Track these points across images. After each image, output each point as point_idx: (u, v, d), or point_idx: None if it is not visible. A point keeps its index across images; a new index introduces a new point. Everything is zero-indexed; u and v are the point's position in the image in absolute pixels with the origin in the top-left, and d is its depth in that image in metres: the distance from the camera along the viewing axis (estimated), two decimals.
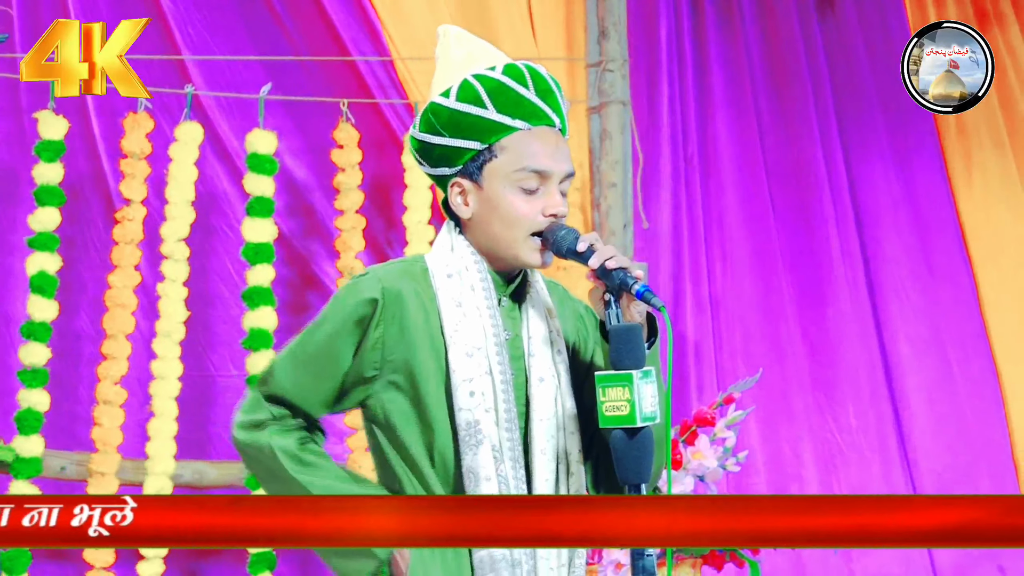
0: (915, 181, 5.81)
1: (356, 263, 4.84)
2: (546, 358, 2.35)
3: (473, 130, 2.32)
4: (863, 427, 5.57)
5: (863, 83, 5.78)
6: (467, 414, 2.27)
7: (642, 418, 2.16)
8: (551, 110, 2.36)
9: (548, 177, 2.32)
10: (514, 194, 2.31)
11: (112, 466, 4.56)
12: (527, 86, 2.34)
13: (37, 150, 4.51)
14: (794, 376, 5.55)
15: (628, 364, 2.18)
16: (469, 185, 2.34)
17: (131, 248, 4.62)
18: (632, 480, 2.18)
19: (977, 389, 5.69)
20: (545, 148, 2.33)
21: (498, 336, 2.31)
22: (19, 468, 4.44)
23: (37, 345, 4.47)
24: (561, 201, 2.33)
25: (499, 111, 2.32)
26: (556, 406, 2.34)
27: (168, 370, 4.62)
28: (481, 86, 2.33)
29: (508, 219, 2.31)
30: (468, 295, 2.32)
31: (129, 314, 4.59)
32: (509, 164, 2.31)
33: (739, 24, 5.69)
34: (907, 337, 5.68)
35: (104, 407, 4.57)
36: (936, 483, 5.49)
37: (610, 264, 2.24)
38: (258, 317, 4.69)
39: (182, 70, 4.90)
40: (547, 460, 2.32)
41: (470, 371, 2.28)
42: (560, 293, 2.48)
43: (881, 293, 5.70)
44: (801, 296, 5.62)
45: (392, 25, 4.99)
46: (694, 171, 5.55)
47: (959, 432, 5.64)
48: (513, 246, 2.33)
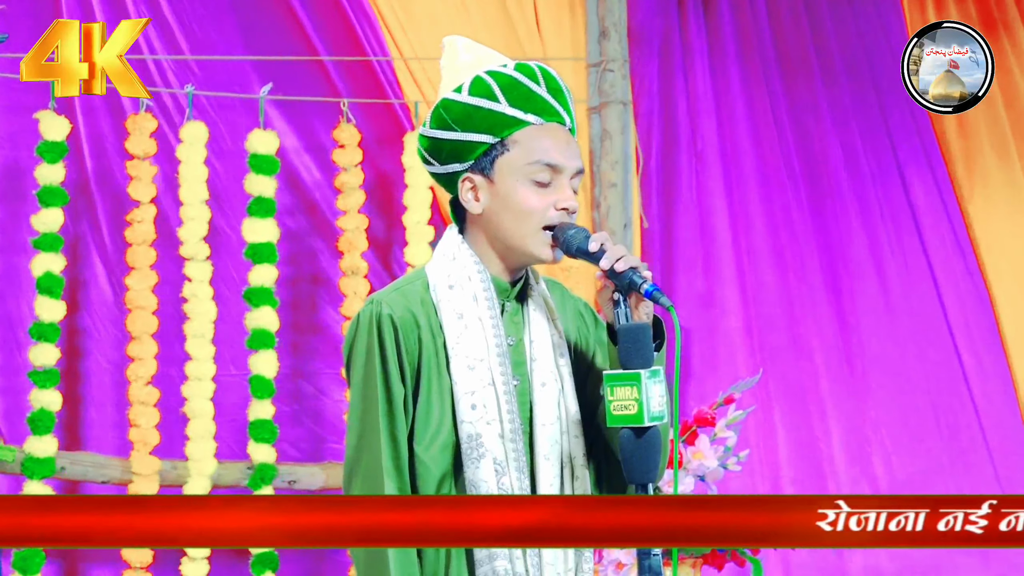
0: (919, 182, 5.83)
1: (360, 263, 4.84)
2: (548, 362, 2.35)
3: (485, 124, 2.33)
4: (888, 422, 5.60)
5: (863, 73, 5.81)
6: (469, 427, 2.28)
7: (650, 418, 2.17)
8: (562, 108, 2.38)
9: (560, 171, 2.33)
10: (526, 187, 2.32)
11: (153, 467, 4.58)
12: (539, 83, 2.36)
13: (39, 151, 4.51)
14: (820, 370, 5.57)
15: (637, 364, 2.18)
16: (480, 180, 2.35)
17: (144, 249, 4.62)
18: (640, 480, 2.19)
19: (990, 386, 5.73)
20: (556, 143, 2.34)
21: (500, 346, 2.32)
22: (33, 469, 4.43)
23: (47, 346, 4.47)
24: (572, 195, 2.34)
25: (511, 105, 2.33)
26: (559, 410, 2.35)
27: (202, 371, 4.63)
28: (494, 81, 2.34)
29: (520, 212, 2.32)
30: (470, 306, 2.32)
31: (151, 314, 4.60)
32: (521, 157, 2.32)
33: (750, 15, 5.69)
34: (916, 331, 5.72)
35: (139, 408, 4.58)
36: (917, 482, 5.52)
37: (620, 266, 2.24)
38: (260, 317, 4.69)
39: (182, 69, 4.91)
40: (551, 465, 2.32)
41: (471, 384, 2.29)
42: (560, 292, 2.49)
43: (893, 288, 5.73)
44: (824, 289, 5.65)
45: (395, 26, 4.99)
46: (713, 166, 5.56)
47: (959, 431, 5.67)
48: (525, 240, 2.33)
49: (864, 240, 5.72)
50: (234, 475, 4.72)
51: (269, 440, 4.67)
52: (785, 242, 5.64)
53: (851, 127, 5.76)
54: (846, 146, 5.75)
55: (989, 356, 5.76)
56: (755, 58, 5.68)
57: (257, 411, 4.68)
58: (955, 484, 5.56)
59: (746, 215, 5.59)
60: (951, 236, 5.84)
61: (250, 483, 4.69)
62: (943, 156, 5.84)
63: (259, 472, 4.67)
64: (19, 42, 4.44)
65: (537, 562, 2.29)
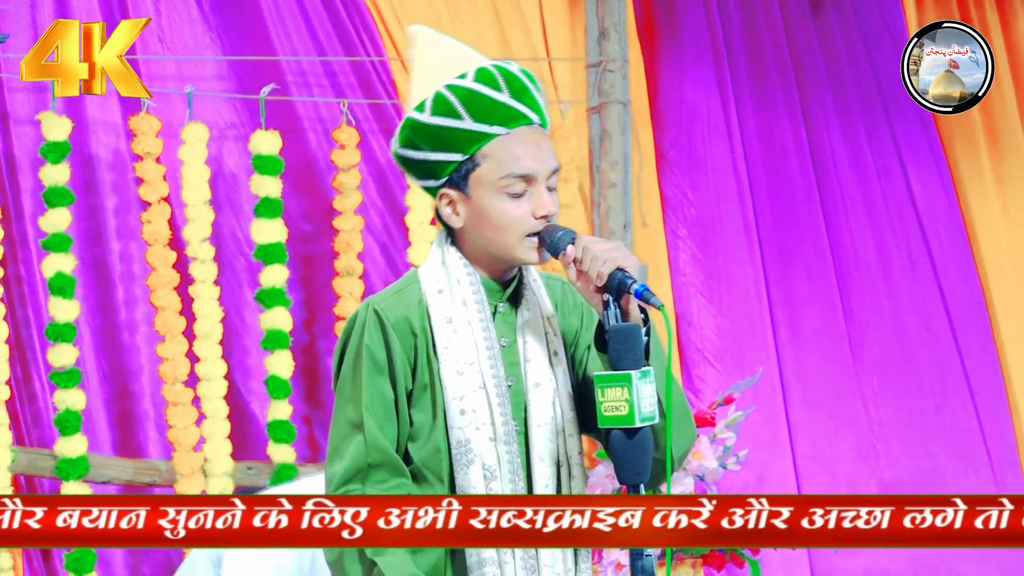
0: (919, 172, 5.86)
1: (356, 264, 4.84)
2: (542, 362, 2.35)
3: (452, 142, 2.30)
4: (894, 420, 5.61)
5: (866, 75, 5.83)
6: (458, 432, 2.28)
7: (641, 418, 2.16)
8: (528, 108, 2.33)
9: (534, 179, 2.31)
10: (502, 200, 2.30)
11: (195, 464, 4.57)
12: (500, 89, 2.32)
13: (42, 152, 4.49)
14: (824, 366, 5.59)
15: (627, 364, 2.17)
16: (457, 195, 2.33)
17: (160, 248, 4.61)
18: (631, 480, 2.18)
19: (984, 388, 5.74)
20: (527, 150, 2.31)
21: (492, 348, 2.31)
22: (68, 470, 4.42)
23: (65, 346, 4.46)
24: (551, 200, 2.32)
25: (475, 120, 2.30)
26: (553, 410, 2.34)
27: (213, 371, 4.63)
28: (455, 97, 2.31)
29: (500, 225, 2.30)
30: (459, 310, 2.32)
31: (177, 314, 4.60)
32: (493, 172, 2.30)
33: (760, 12, 5.71)
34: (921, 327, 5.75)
35: (174, 409, 4.58)
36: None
37: (606, 268, 2.22)
38: (273, 318, 4.70)
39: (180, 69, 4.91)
40: (546, 466, 2.31)
41: (461, 388, 2.29)
42: (559, 288, 2.46)
43: (894, 284, 5.75)
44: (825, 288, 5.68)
45: (395, 26, 4.99)
46: (721, 161, 5.57)
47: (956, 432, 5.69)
48: (510, 249, 2.32)
49: (870, 238, 5.74)
50: (252, 476, 4.72)
51: (288, 440, 4.67)
52: (791, 238, 5.67)
53: (856, 123, 5.79)
54: (852, 143, 5.78)
55: (984, 356, 5.78)
56: (763, 56, 5.69)
57: (275, 412, 4.68)
58: (954, 483, 5.58)
59: (753, 211, 5.61)
60: (953, 235, 5.86)
61: (271, 484, 4.68)
62: (945, 153, 5.87)
63: (279, 473, 4.66)
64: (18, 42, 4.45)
65: (535, 564, 2.29)
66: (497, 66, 2.35)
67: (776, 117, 5.69)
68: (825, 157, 5.75)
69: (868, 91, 5.82)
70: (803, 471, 5.49)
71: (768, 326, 5.55)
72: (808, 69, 5.76)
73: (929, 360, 5.73)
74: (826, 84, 5.78)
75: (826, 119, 5.76)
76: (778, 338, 5.56)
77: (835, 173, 5.74)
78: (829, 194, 5.73)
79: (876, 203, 5.77)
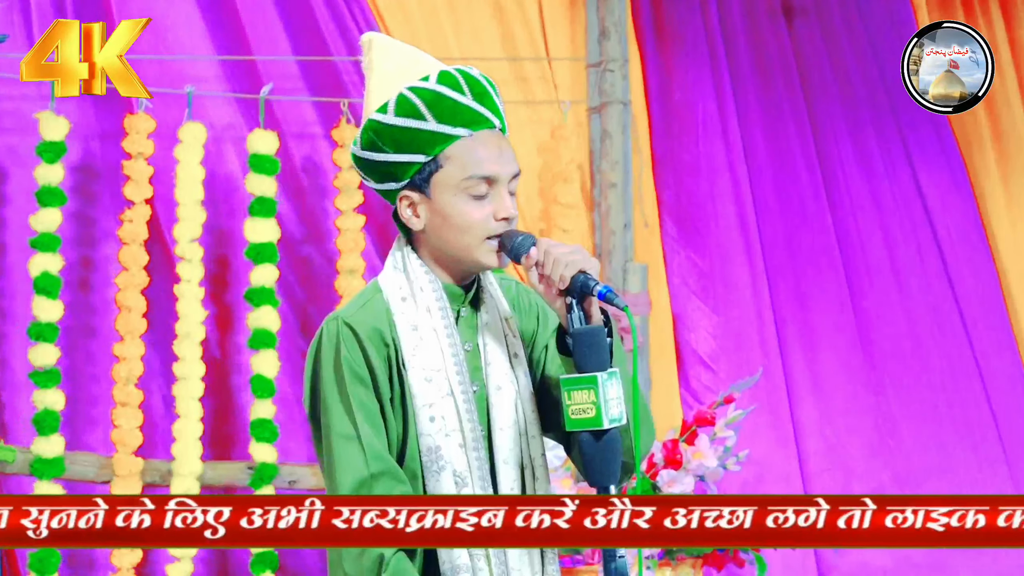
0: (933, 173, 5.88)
1: (357, 263, 4.84)
2: (503, 365, 2.35)
3: (415, 143, 2.30)
4: (905, 415, 5.62)
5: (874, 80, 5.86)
6: (428, 439, 2.28)
7: (609, 420, 2.16)
8: (490, 112, 2.34)
9: (496, 181, 2.31)
10: (463, 202, 2.30)
11: (134, 467, 4.58)
12: (463, 92, 2.32)
13: (38, 151, 4.52)
14: (835, 364, 5.59)
15: (592, 367, 2.17)
16: (418, 197, 2.33)
17: (135, 248, 4.62)
18: (600, 482, 2.18)
19: (1001, 385, 5.76)
20: (489, 153, 2.31)
21: (457, 354, 2.31)
22: (42, 469, 4.44)
23: (46, 346, 4.48)
24: (511, 203, 2.33)
25: (439, 121, 2.30)
26: (516, 413, 2.34)
27: (190, 371, 4.63)
28: (418, 98, 2.31)
29: (460, 227, 2.30)
30: (424, 317, 2.32)
31: (140, 316, 4.61)
32: (456, 173, 2.30)
33: (765, 15, 5.72)
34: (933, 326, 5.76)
35: (121, 409, 4.59)
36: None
37: (567, 272, 2.22)
38: (261, 317, 4.70)
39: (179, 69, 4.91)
40: (510, 469, 2.32)
41: (430, 396, 2.28)
42: (514, 289, 2.47)
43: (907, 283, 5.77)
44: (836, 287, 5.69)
45: (394, 26, 4.99)
46: (729, 159, 5.58)
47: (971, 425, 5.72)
48: (470, 251, 2.32)
49: (878, 234, 5.76)
50: (234, 474, 4.73)
51: (270, 440, 4.67)
52: (800, 235, 5.69)
53: (863, 121, 5.80)
54: (858, 140, 5.79)
55: (1002, 350, 5.80)
56: (766, 56, 5.70)
57: (258, 411, 4.68)
58: (968, 477, 5.60)
59: (762, 208, 5.63)
60: (965, 229, 5.89)
61: (251, 483, 4.69)
62: (960, 149, 5.90)
63: (260, 472, 4.67)
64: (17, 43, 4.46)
65: (504, 571, 2.27)
66: (459, 69, 2.36)
67: (780, 117, 5.71)
68: (831, 153, 5.76)
69: (874, 89, 5.83)
70: (813, 468, 5.50)
71: (770, 325, 5.56)
72: (812, 69, 5.77)
73: (940, 355, 5.75)
74: (831, 83, 5.80)
75: (831, 117, 5.77)
76: (785, 336, 5.58)
77: (841, 170, 5.76)
78: (835, 191, 5.75)
79: (884, 199, 5.80)
